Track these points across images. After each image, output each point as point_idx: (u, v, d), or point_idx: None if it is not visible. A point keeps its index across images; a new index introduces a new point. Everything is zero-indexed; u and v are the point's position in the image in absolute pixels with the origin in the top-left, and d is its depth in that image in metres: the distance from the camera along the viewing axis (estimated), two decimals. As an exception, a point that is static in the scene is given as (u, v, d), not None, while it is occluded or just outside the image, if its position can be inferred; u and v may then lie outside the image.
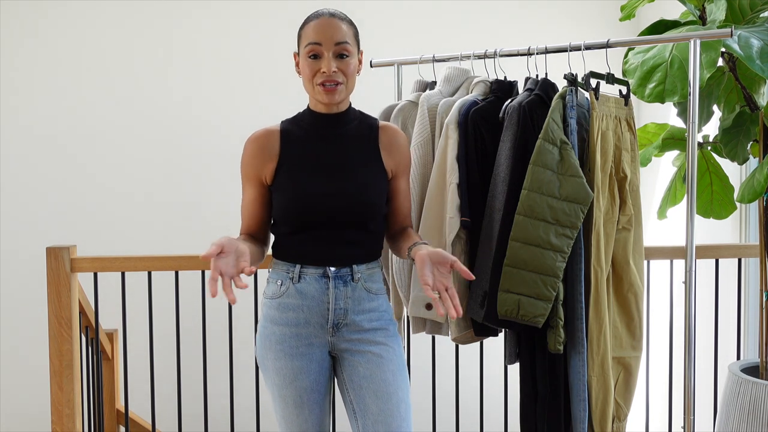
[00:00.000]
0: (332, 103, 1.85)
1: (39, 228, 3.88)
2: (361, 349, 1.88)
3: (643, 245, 2.29)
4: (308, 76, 1.84)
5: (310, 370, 1.88)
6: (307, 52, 1.83)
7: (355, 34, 1.87)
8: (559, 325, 2.05)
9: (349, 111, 1.93)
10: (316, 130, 1.90)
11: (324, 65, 1.81)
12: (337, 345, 1.90)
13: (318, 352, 1.89)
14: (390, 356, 1.88)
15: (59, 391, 2.48)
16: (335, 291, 1.86)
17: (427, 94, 2.30)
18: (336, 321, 1.87)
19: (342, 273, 1.86)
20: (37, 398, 3.65)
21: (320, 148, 1.88)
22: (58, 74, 3.92)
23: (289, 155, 1.88)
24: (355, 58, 1.86)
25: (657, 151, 2.67)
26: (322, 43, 1.81)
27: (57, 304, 2.46)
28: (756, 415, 2.32)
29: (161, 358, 2.87)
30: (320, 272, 1.85)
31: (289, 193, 1.86)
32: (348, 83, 1.85)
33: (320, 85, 1.82)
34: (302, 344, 1.87)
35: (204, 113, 3.97)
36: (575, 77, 2.10)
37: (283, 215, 1.87)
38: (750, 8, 2.33)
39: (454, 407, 2.80)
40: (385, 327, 1.92)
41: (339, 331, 1.88)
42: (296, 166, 1.87)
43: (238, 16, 4.01)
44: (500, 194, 2.11)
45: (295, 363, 1.86)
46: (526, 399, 2.19)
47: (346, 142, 1.90)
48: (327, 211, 1.84)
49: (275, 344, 1.88)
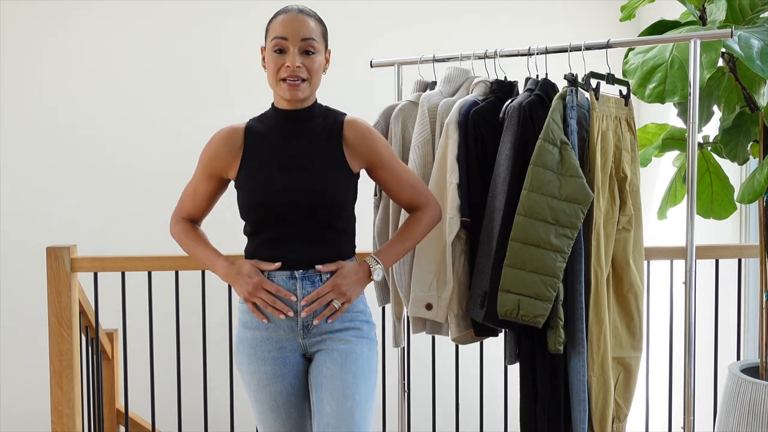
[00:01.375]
0: (295, 100, 1.84)
1: (39, 228, 3.88)
2: (329, 347, 1.85)
3: (643, 245, 2.29)
4: (272, 70, 1.83)
5: (285, 374, 1.86)
6: (272, 46, 1.82)
7: (323, 32, 1.87)
8: (559, 325, 2.05)
9: (314, 107, 1.91)
10: (278, 126, 1.89)
11: (288, 60, 1.80)
12: (309, 347, 1.88)
13: (291, 356, 1.87)
14: (355, 357, 1.84)
15: (59, 391, 2.48)
16: (302, 292, 1.83)
17: (427, 94, 2.30)
18: (305, 322, 1.85)
19: (309, 273, 1.84)
20: (37, 398, 3.64)
21: (282, 145, 1.87)
22: (59, 74, 3.92)
23: (251, 152, 1.88)
24: (321, 56, 1.85)
25: (657, 152, 2.67)
26: (288, 38, 1.80)
27: (57, 304, 2.46)
28: (756, 415, 2.32)
29: (161, 358, 2.86)
30: (287, 274, 1.84)
31: (250, 190, 1.85)
32: (312, 80, 1.84)
33: (283, 80, 1.81)
34: (274, 348, 1.86)
35: (204, 113, 3.97)
36: (575, 77, 2.10)
37: (245, 213, 1.88)
38: (750, 8, 2.33)
39: (454, 407, 2.80)
40: (358, 327, 1.89)
41: (309, 332, 1.86)
42: (257, 163, 1.87)
43: (238, 16, 4.01)
44: (500, 194, 2.10)
45: (268, 367, 1.86)
46: (526, 399, 2.18)
47: (308, 138, 1.88)
48: (286, 206, 1.82)
49: (248, 348, 1.88)
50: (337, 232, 1.88)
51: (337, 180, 1.86)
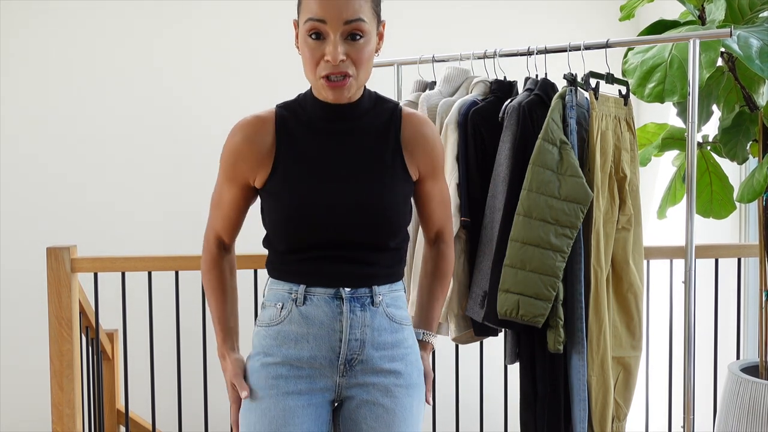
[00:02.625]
0: (340, 100, 1.47)
1: (39, 228, 3.88)
2: (370, 399, 1.49)
3: (643, 245, 2.29)
4: (309, 62, 1.42)
5: (306, 416, 1.47)
6: (307, 30, 1.41)
7: (373, 5, 1.45)
8: (558, 325, 2.05)
9: (363, 98, 1.52)
10: (320, 122, 1.51)
11: (329, 51, 1.39)
12: (345, 390, 1.50)
13: (319, 397, 1.50)
14: (404, 415, 1.50)
15: (59, 391, 2.48)
16: (351, 316, 1.47)
17: (426, 94, 2.30)
18: (350, 356, 1.48)
19: (359, 294, 1.48)
20: (37, 398, 3.64)
21: (325, 146, 1.50)
22: (59, 74, 3.92)
23: (285, 153, 1.49)
24: (373, 39, 1.45)
25: (656, 151, 2.67)
26: (327, 20, 1.38)
27: (57, 305, 2.46)
28: (755, 414, 2.32)
29: (161, 358, 2.86)
30: (331, 293, 1.47)
31: (285, 202, 1.48)
32: (359, 74, 1.44)
33: (324, 78, 1.42)
34: (302, 384, 1.48)
35: (205, 113, 3.97)
36: (575, 77, 2.10)
37: (277, 230, 1.50)
38: (749, 8, 2.33)
39: (454, 407, 2.80)
40: (408, 372, 1.53)
41: (351, 369, 1.49)
42: (294, 168, 1.49)
43: (241, 16, 4.01)
44: (500, 194, 2.11)
45: (288, 403, 1.46)
46: (526, 399, 2.19)
47: (358, 138, 1.51)
48: (334, 228, 1.46)
49: (268, 379, 1.49)
50: (392, 251, 1.54)
51: (396, 192, 1.51)
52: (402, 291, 1.58)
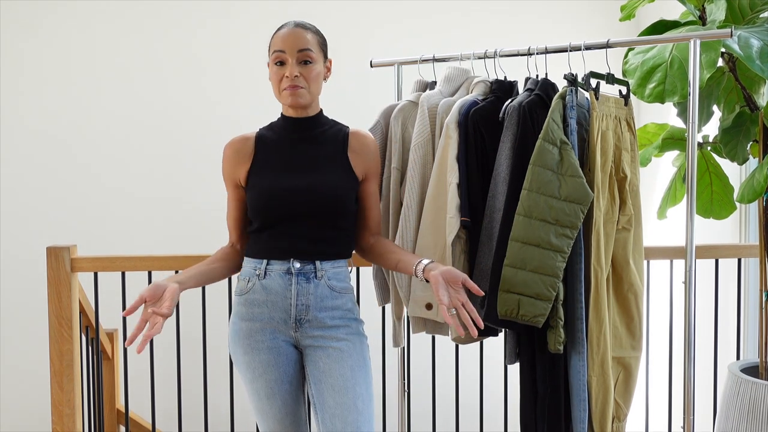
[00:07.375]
0: (296, 105, 1.97)
1: (39, 228, 3.89)
2: (323, 345, 1.95)
3: (643, 245, 2.29)
4: (275, 81, 1.97)
5: (279, 363, 1.96)
6: (273, 60, 1.96)
7: (320, 43, 1.99)
8: (559, 325, 2.05)
9: (320, 116, 2.05)
10: (287, 133, 2.02)
11: (287, 71, 1.94)
12: (301, 340, 1.97)
13: (284, 345, 1.97)
14: (350, 352, 1.96)
15: (59, 390, 2.48)
16: (297, 287, 1.93)
17: (427, 94, 2.30)
18: (298, 317, 1.94)
19: (305, 270, 1.94)
20: (37, 398, 3.65)
21: (291, 150, 2.00)
22: (59, 74, 3.92)
23: (261, 157, 2.01)
24: (320, 65, 1.98)
25: (657, 151, 2.67)
26: (286, 50, 1.94)
27: (57, 304, 2.46)
28: (755, 414, 2.32)
29: (161, 358, 2.87)
30: (285, 268, 1.93)
31: (259, 189, 1.96)
32: (311, 87, 1.96)
33: (285, 88, 1.95)
34: (267, 338, 1.96)
35: (205, 113, 3.97)
36: (575, 77, 2.10)
37: (253, 212, 1.97)
38: (750, 8, 2.34)
39: (454, 407, 2.80)
40: (348, 324, 1.99)
41: (302, 326, 1.95)
42: (267, 166, 1.99)
43: (241, 17, 4.01)
44: (500, 194, 2.11)
45: (263, 356, 1.95)
46: (526, 399, 2.19)
47: (316, 144, 2.01)
48: (294, 205, 1.93)
49: (243, 339, 1.97)
50: (341, 231, 1.99)
51: (344, 183, 1.99)
52: (344, 267, 2.02)
